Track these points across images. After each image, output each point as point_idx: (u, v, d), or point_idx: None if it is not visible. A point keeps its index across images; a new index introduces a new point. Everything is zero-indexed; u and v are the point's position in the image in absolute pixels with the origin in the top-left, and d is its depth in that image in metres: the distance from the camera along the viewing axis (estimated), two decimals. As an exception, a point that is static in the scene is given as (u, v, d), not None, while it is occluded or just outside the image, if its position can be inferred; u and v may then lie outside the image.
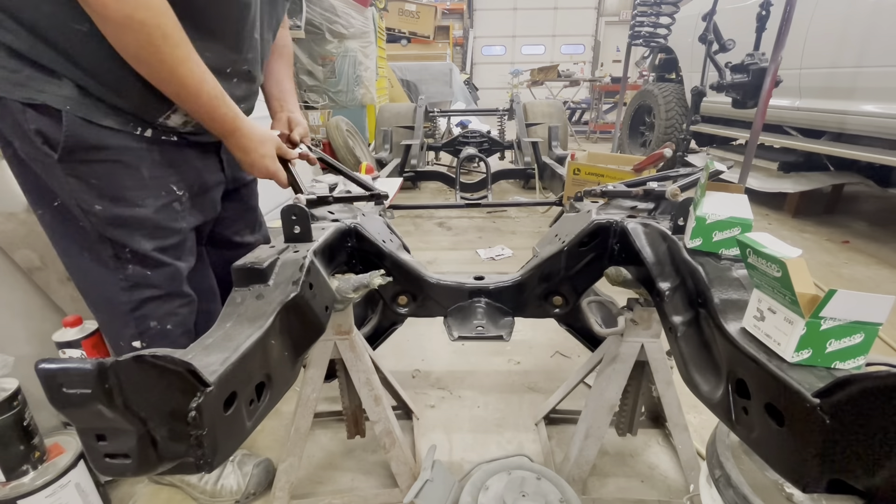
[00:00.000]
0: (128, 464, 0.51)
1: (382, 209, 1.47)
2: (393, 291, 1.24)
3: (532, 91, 9.65)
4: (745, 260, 0.67)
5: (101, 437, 0.50)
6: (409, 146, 3.88)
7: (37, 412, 1.12)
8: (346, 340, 1.18)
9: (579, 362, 1.91)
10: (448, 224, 3.85)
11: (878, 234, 3.45)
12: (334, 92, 4.82)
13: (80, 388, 0.45)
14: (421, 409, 1.66)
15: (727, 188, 0.91)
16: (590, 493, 1.32)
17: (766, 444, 0.59)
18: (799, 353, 0.58)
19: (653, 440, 1.51)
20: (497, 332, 1.15)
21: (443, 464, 1.22)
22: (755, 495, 0.66)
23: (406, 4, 8.68)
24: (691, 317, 0.86)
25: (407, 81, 7.40)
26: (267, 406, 0.71)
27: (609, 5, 15.00)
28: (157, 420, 0.51)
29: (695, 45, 4.20)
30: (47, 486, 1.08)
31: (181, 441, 0.54)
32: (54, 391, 0.45)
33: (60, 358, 0.47)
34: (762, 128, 3.08)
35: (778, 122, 3.84)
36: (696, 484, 0.85)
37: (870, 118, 2.99)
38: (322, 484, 1.39)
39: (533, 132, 4.35)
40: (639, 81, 8.40)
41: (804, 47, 3.35)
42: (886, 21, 2.83)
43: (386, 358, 1.96)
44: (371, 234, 1.18)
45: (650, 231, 1.06)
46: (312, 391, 1.20)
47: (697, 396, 0.77)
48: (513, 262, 3.04)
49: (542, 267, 1.19)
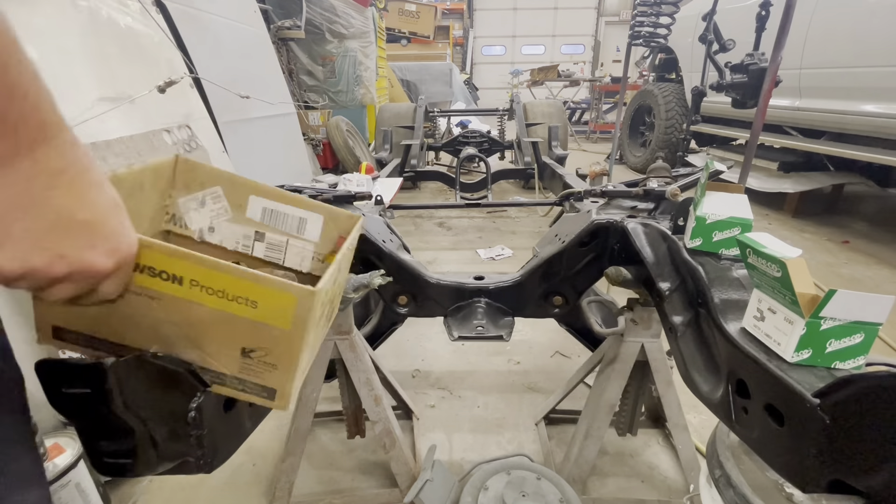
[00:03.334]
0: (128, 464, 0.51)
1: (382, 209, 1.47)
2: (393, 291, 1.24)
3: (532, 91, 9.65)
4: (745, 260, 0.67)
5: (102, 437, 0.50)
6: (409, 146, 3.87)
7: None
8: (346, 340, 1.18)
9: (579, 362, 1.91)
10: (448, 224, 3.85)
11: (878, 234, 3.44)
12: (334, 92, 4.82)
13: (80, 388, 0.45)
14: (421, 409, 1.66)
15: (727, 188, 0.91)
16: (590, 493, 1.32)
17: (766, 444, 0.59)
18: (799, 353, 0.58)
19: (653, 440, 1.51)
20: (497, 332, 1.15)
21: (443, 464, 1.22)
22: (755, 495, 0.66)
23: (406, 4, 8.68)
24: (691, 317, 0.87)
25: (407, 81, 7.40)
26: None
27: (609, 5, 14.99)
28: (157, 420, 0.51)
29: (695, 45, 4.20)
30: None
31: (181, 441, 0.54)
32: (54, 391, 0.45)
33: (60, 358, 0.47)
34: (762, 128, 3.08)
35: (778, 122, 3.84)
36: (696, 484, 0.85)
37: (870, 118, 2.99)
38: (322, 484, 1.39)
39: (533, 132, 4.34)
40: (639, 81, 8.40)
41: (804, 47, 3.34)
42: (886, 21, 2.83)
43: (386, 358, 1.96)
44: (371, 234, 1.18)
45: (650, 231, 1.06)
46: (312, 391, 1.20)
47: (697, 396, 0.77)
48: (513, 262, 3.03)
49: (543, 267, 1.19)
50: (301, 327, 0.49)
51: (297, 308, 0.48)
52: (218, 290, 0.48)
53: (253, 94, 2.62)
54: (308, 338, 0.51)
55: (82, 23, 1.69)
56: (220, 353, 0.51)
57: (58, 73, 1.53)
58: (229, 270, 0.47)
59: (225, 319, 0.49)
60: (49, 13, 1.56)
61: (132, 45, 1.91)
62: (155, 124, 1.90)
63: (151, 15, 2.06)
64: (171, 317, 0.49)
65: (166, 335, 0.50)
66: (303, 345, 0.51)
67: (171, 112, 2.03)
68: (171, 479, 1.39)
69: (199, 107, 2.28)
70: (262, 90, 2.90)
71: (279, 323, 0.49)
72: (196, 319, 0.49)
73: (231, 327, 0.49)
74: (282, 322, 0.49)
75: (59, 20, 1.59)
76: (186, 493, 1.36)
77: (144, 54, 1.97)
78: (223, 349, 0.51)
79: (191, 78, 2.22)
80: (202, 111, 2.29)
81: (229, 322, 0.49)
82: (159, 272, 0.46)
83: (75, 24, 1.66)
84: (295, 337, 0.50)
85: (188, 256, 0.47)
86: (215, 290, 0.48)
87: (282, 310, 0.49)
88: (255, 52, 3.25)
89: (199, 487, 1.38)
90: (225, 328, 0.49)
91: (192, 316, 0.49)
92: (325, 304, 0.56)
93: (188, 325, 0.49)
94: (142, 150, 1.74)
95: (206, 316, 0.49)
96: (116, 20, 1.85)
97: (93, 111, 1.59)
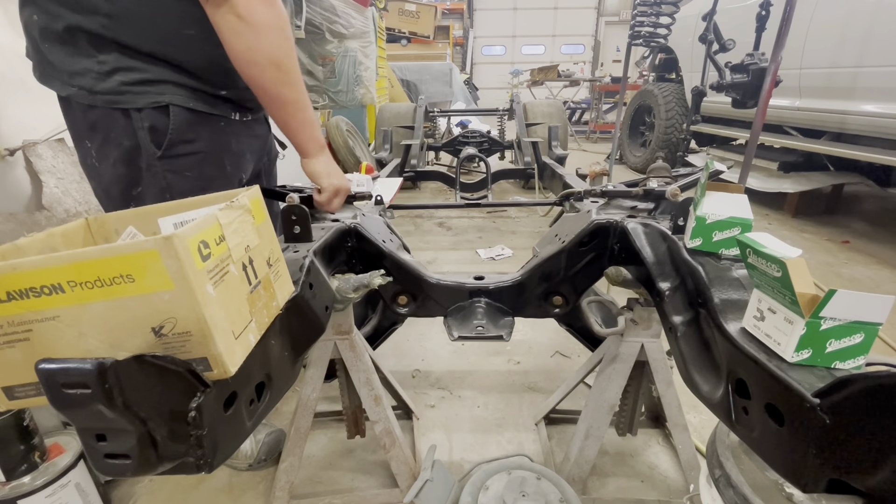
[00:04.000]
0: (128, 464, 0.51)
1: (382, 209, 1.47)
2: (393, 291, 1.24)
3: (532, 91, 9.65)
4: (745, 260, 0.67)
5: (101, 437, 0.50)
6: (409, 146, 3.88)
7: (37, 412, 1.12)
8: (346, 340, 1.18)
9: (579, 362, 1.91)
10: (448, 224, 3.85)
11: (878, 234, 3.44)
12: (334, 92, 4.81)
13: (80, 388, 0.45)
14: (421, 409, 1.66)
15: (727, 188, 0.91)
16: (590, 493, 1.32)
17: (766, 444, 0.59)
18: (799, 353, 0.58)
19: (653, 440, 1.51)
20: (497, 332, 1.15)
21: (443, 464, 1.22)
22: (755, 495, 0.66)
23: (406, 4, 8.68)
24: (691, 317, 0.87)
25: (407, 81, 7.40)
26: (267, 406, 0.71)
27: (609, 5, 14.99)
28: (157, 420, 0.51)
29: (695, 45, 4.20)
30: (47, 486, 1.08)
31: (181, 441, 0.54)
32: (54, 391, 0.45)
33: (60, 358, 0.47)
34: (762, 128, 3.08)
35: (778, 122, 3.84)
36: (696, 484, 0.85)
37: (870, 118, 2.99)
38: (322, 484, 1.39)
39: (533, 132, 4.34)
40: (639, 81, 8.40)
41: (804, 47, 3.34)
42: (886, 21, 2.83)
43: (386, 358, 1.96)
44: (371, 234, 1.18)
45: (650, 231, 1.06)
46: (312, 391, 1.20)
47: (697, 396, 0.77)
48: (513, 262, 3.04)
49: (542, 267, 1.19)
50: (183, 281, 0.49)
51: (165, 261, 0.48)
52: (94, 280, 0.48)
53: (253, 94, 2.61)
54: (201, 291, 0.51)
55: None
56: (141, 344, 0.51)
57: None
58: (89, 254, 0.48)
59: (120, 307, 0.49)
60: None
61: (132, 45, 1.90)
62: (155, 124, 1.90)
63: (151, 15, 2.06)
64: (81, 328, 0.50)
65: (89, 350, 0.50)
66: (198, 298, 0.50)
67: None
68: (171, 479, 1.39)
69: (199, 107, 2.28)
70: (262, 90, 2.88)
71: (162, 286, 0.49)
72: (99, 321, 0.50)
73: (129, 313, 0.50)
74: (164, 284, 0.49)
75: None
76: (186, 493, 1.36)
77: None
78: (139, 339, 0.51)
79: (191, 78, 2.21)
80: (202, 111, 2.29)
81: (125, 308, 0.49)
82: (40, 289, 0.48)
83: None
84: (184, 293, 0.50)
85: (49, 260, 0.48)
86: (93, 282, 0.48)
87: (155, 272, 0.48)
88: (255, 52, 3.24)
89: (198, 487, 1.38)
90: (125, 316, 0.50)
91: (94, 319, 0.50)
92: (223, 258, 0.56)
93: (99, 332, 0.50)
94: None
95: (104, 313, 0.49)
96: (116, 20, 1.85)
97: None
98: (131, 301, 0.50)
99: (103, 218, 0.75)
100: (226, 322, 0.56)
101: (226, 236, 0.58)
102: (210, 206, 0.73)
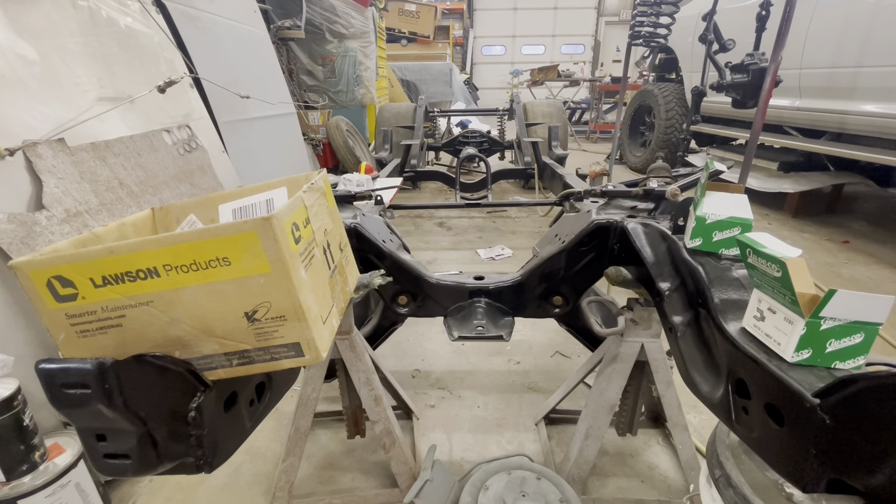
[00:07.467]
0: (128, 464, 0.51)
1: (382, 209, 1.47)
2: (393, 291, 1.24)
3: (532, 91, 9.65)
4: (745, 260, 0.67)
5: (101, 437, 0.50)
6: (409, 146, 3.88)
7: (37, 412, 1.12)
8: (346, 340, 1.18)
9: (579, 362, 1.91)
10: (448, 224, 3.85)
11: (878, 234, 3.44)
12: (334, 92, 4.82)
13: (80, 388, 0.45)
14: (421, 409, 1.66)
15: (727, 188, 0.91)
16: (590, 493, 1.32)
17: (766, 444, 0.59)
18: (799, 353, 0.58)
19: (653, 440, 1.51)
20: (497, 332, 1.15)
21: (443, 464, 1.22)
22: (755, 495, 0.66)
23: (406, 4, 8.68)
24: (691, 317, 0.86)
25: (407, 81, 7.40)
26: (267, 406, 0.71)
27: (609, 5, 14.99)
28: (157, 420, 0.51)
29: (695, 45, 4.20)
30: (47, 485, 1.08)
31: (181, 441, 0.54)
32: (54, 391, 0.45)
33: (60, 358, 0.47)
34: (762, 128, 3.08)
35: (778, 122, 3.84)
36: (696, 484, 0.85)
37: (870, 118, 2.99)
38: (322, 484, 1.39)
39: (533, 132, 4.34)
40: (639, 81, 8.40)
41: (804, 47, 3.34)
42: (886, 21, 2.83)
43: (386, 358, 1.96)
44: (371, 234, 1.18)
45: (650, 231, 1.06)
46: (312, 391, 1.20)
47: (697, 396, 0.77)
48: (513, 262, 3.03)
49: (543, 267, 1.19)
50: (280, 264, 0.48)
51: (263, 243, 0.47)
52: (190, 263, 0.47)
53: (253, 94, 2.62)
54: (296, 274, 0.50)
55: (82, 22, 1.69)
56: (232, 330, 0.50)
57: (58, 72, 1.53)
58: (186, 237, 0.47)
59: (214, 291, 0.49)
60: (49, 13, 1.56)
61: (132, 44, 1.91)
62: (155, 124, 1.90)
63: (151, 15, 2.06)
64: (173, 314, 0.49)
65: (180, 336, 0.50)
66: (294, 282, 0.49)
67: (171, 112, 2.03)
68: (171, 479, 1.39)
69: (199, 107, 2.28)
70: (262, 90, 2.90)
71: (259, 269, 0.48)
72: (192, 306, 0.49)
73: (223, 297, 0.49)
74: (260, 267, 0.48)
75: (59, 20, 1.59)
76: (186, 493, 1.36)
77: (144, 54, 1.97)
78: (231, 324, 0.50)
79: (191, 78, 2.22)
80: (202, 111, 2.29)
81: (219, 293, 0.49)
82: (135, 273, 0.47)
83: (75, 24, 1.66)
84: (280, 276, 0.49)
85: (147, 243, 0.47)
86: (188, 265, 0.47)
87: (252, 254, 0.48)
88: (255, 53, 3.25)
89: (198, 487, 1.38)
90: (219, 300, 0.49)
91: (187, 304, 0.49)
92: (309, 241, 0.55)
93: (191, 318, 0.49)
94: (142, 149, 1.74)
95: (198, 297, 0.49)
96: (116, 20, 1.85)
97: (93, 111, 1.59)
98: (226, 285, 0.49)
99: (167, 207, 0.75)
100: (316, 306, 0.55)
101: (310, 219, 0.57)
102: (266, 192, 0.72)
